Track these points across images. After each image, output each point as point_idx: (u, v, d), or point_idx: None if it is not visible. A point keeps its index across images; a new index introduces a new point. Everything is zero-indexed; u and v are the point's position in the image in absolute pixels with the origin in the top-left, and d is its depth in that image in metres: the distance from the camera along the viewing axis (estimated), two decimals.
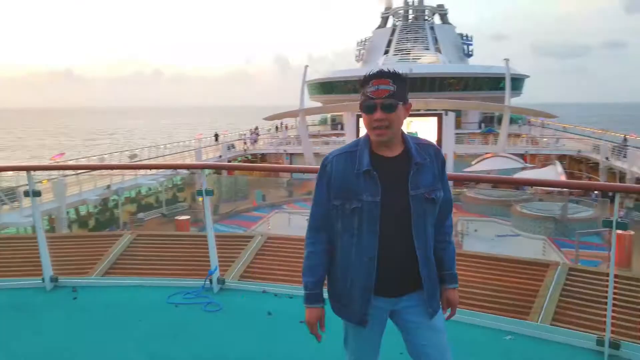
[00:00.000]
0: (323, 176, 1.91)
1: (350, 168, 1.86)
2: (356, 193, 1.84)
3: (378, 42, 59.29)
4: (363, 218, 1.84)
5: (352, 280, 1.89)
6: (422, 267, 1.90)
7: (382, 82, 1.82)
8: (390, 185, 1.85)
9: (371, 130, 1.86)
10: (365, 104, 1.85)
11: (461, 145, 37.00)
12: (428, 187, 1.89)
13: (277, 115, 42.24)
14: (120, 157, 32.10)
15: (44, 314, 3.56)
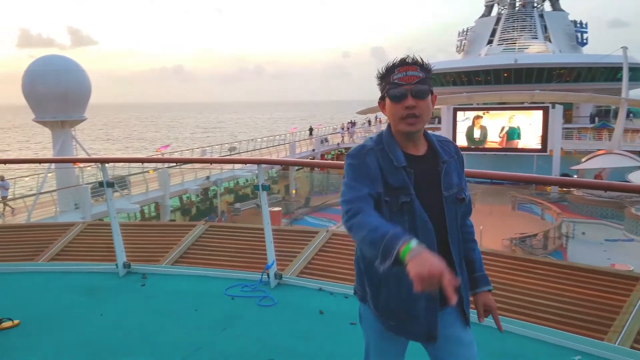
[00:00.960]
0: (363, 165, 1.64)
1: (389, 163, 1.66)
2: (403, 187, 1.64)
3: (481, 32, 56.61)
4: (415, 215, 1.64)
5: (411, 291, 1.41)
6: (459, 272, 1.72)
7: (410, 69, 1.65)
8: (424, 186, 1.68)
9: (401, 121, 1.67)
10: (393, 91, 1.66)
11: (570, 141, 34.32)
12: (457, 186, 1.74)
13: (370, 109, 42.07)
14: (220, 150, 33.87)
15: (114, 298, 3.79)
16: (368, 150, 1.69)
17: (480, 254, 1.90)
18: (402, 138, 1.72)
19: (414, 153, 1.72)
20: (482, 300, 1.84)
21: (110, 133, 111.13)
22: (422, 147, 1.75)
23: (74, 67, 18.90)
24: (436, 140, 1.78)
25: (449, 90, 45.02)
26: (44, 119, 18.66)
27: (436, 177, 1.71)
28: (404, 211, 1.65)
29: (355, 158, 1.68)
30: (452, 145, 1.82)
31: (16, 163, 5.06)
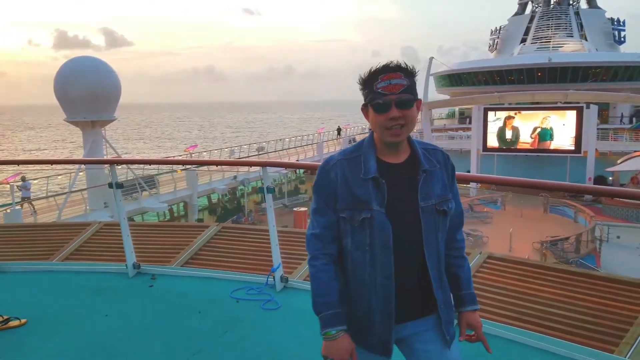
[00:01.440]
0: (325, 183, 1.66)
1: (356, 174, 1.62)
2: (366, 202, 1.60)
3: (514, 31, 55.42)
4: (375, 231, 1.60)
5: (369, 304, 1.64)
6: (437, 289, 1.66)
7: (394, 76, 1.58)
8: (398, 195, 1.62)
9: (385, 131, 1.61)
10: (377, 101, 1.59)
11: (605, 142, 33.22)
12: (439, 197, 1.65)
13: None
14: (248, 150, 34.16)
15: (121, 299, 3.82)
16: (334, 163, 1.66)
17: (469, 271, 1.82)
18: (383, 146, 1.66)
19: (393, 161, 1.66)
20: (465, 319, 1.77)
21: (142, 132, 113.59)
22: (403, 155, 1.68)
23: (105, 68, 19.35)
24: (422, 148, 1.71)
25: (481, 90, 44.23)
26: (74, 119, 19.16)
27: (415, 187, 1.63)
28: (365, 226, 1.61)
29: (320, 175, 1.68)
30: (440, 153, 1.73)
31: (24, 164, 5.17)
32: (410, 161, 1.67)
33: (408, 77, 1.60)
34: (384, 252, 1.60)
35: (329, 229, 1.67)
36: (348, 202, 1.62)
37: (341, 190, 1.63)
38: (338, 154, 1.70)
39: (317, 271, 1.66)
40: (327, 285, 1.65)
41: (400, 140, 1.63)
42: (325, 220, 1.67)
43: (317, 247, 1.68)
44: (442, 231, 1.68)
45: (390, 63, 1.60)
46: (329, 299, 1.63)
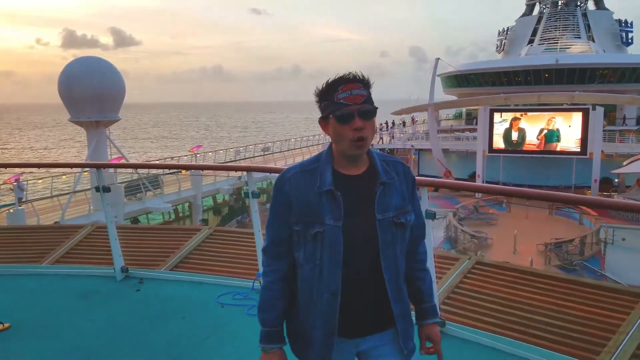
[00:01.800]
0: (279, 196, 1.66)
1: (311, 187, 1.61)
2: (319, 216, 1.58)
3: (522, 32, 55.10)
4: (325, 246, 1.58)
5: (313, 319, 1.62)
6: (394, 303, 1.63)
7: (354, 87, 1.56)
8: (354, 208, 1.60)
9: (349, 143, 1.58)
10: (340, 112, 1.56)
11: (611, 144, 32.92)
12: (397, 210, 1.63)
13: (405, 110, 41.53)
14: (254, 150, 34.20)
15: (107, 303, 3.82)
16: (290, 176, 1.65)
17: (431, 283, 1.81)
18: (342, 158, 1.64)
19: (351, 173, 1.64)
20: (426, 332, 1.77)
21: (150, 132, 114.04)
22: (362, 167, 1.66)
23: (109, 69, 19.45)
24: (382, 160, 1.69)
25: (488, 91, 44.01)
26: (79, 119, 19.28)
27: (372, 199, 1.61)
28: (317, 241, 1.59)
29: (275, 187, 1.68)
30: (400, 165, 1.72)
31: (9, 167, 5.22)
32: (368, 173, 1.65)
33: (366, 88, 1.59)
34: (332, 267, 1.58)
35: (278, 244, 1.67)
36: (301, 216, 1.61)
37: (295, 203, 1.62)
38: (295, 166, 1.68)
39: (264, 287, 1.70)
40: (269, 303, 1.68)
41: (363, 153, 1.62)
42: (274, 235, 1.67)
43: (265, 263, 1.70)
44: (400, 244, 1.65)
45: (348, 74, 1.58)
46: (268, 316, 1.67)
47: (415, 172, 31.96)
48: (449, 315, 3.28)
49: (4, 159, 69.38)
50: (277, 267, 1.67)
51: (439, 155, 35.56)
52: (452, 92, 52.74)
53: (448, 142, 39.01)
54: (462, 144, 38.59)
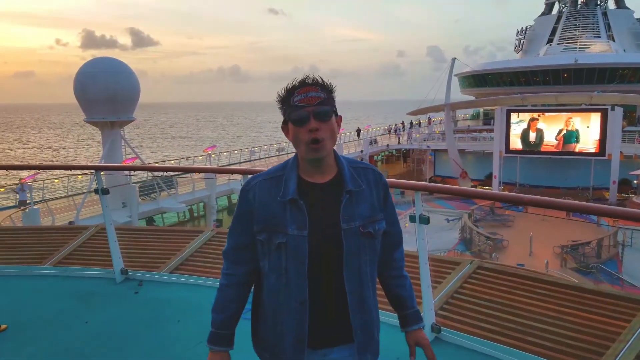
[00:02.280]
0: (243, 204, 1.64)
1: (275, 196, 1.59)
2: (282, 225, 1.56)
3: (540, 31, 54.39)
4: (289, 256, 1.56)
5: (282, 328, 1.60)
6: (354, 315, 1.59)
7: (311, 89, 1.55)
8: (319, 217, 1.57)
9: (306, 146, 1.56)
10: (294, 114, 1.55)
11: (631, 145, 32.26)
12: (364, 219, 1.59)
13: (421, 110, 41.28)
14: (268, 150, 34.29)
15: (105, 306, 3.82)
16: (255, 184, 1.63)
17: (411, 289, 1.77)
18: (307, 165, 1.61)
19: (317, 181, 1.60)
20: (413, 338, 1.74)
21: (166, 132, 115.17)
22: (329, 174, 1.62)
23: (124, 69, 19.66)
24: (352, 166, 1.65)
25: (506, 91, 43.51)
26: (93, 119, 19.51)
27: (337, 208, 1.58)
28: (281, 251, 1.57)
29: (240, 195, 1.67)
30: (371, 172, 1.67)
31: (9, 169, 5.31)
32: (335, 181, 1.61)
33: (325, 91, 1.57)
34: (298, 277, 1.56)
35: (237, 250, 1.66)
36: (264, 225, 1.59)
37: (258, 212, 1.60)
38: (262, 174, 1.66)
39: (218, 290, 1.71)
40: (220, 305, 1.69)
41: (321, 156, 1.57)
42: (234, 241, 1.67)
43: (224, 267, 1.70)
44: (368, 254, 1.61)
45: (307, 78, 1.57)
46: (217, 317, 1.70)
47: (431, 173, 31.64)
48: (446, 321, 3.21)
49: (24, 157, 70.71)
50: (234, 271, 1.67)
51: (455, 155, 35.25)
52: (469, 92, 52.30)
53: (465, 143, 38.67)
54: (478, 144, 38.21)
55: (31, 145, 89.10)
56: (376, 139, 42.07)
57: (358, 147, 38.73)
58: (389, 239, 1.70)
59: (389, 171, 39.94)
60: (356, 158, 23.75)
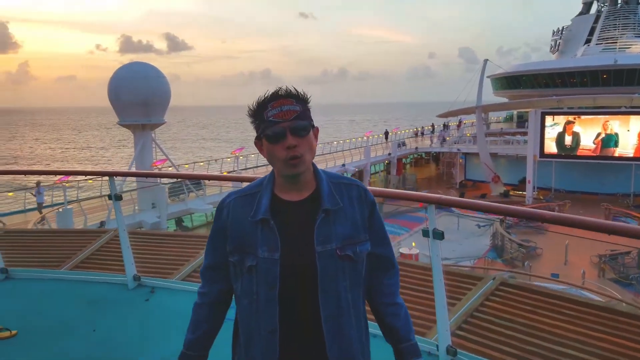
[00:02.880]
0: (217, 222, 1.55)
1: (247, 215, 1.48)
2: (253, 247, 1.45)
3: (578, 31, 52.71)
4: (260, 280, 1.45)
5: (252, 356, 1.50)
6: (330, 345, 1.45)
7: (285, 102, 1.44)
8: (292, 238, 1.45)
9: (283, 163, 1.45)
10: (269, 130, 1.44)
11: None
12: (344, 240, 1.46)
13: (451, 112, 40.59)
14: None
15: (115, 312, 3.78)
16: (229, 202, 1.53)
17: (408, 318, 1.60)
18: (283, 181, 1.49)
19: (293, 199, 1.48)
20: None
21: (198, 134, 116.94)
22: (307, 191, 1.50)
23: (155, 74, 20.00)
24: (332, 182, 1.52)
25: (541, 93, 42.36)
26: (126, 122, 19.92)
27: (312, 228, 1.46)
28: (252, 274, 1.45)
29: (216, 213, 1.57)
30: (355, 188, 1.54)
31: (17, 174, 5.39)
32: (312, 198, 1.49)
33: (300, 103, 1.46)
34: (268, 304, 1.44)
35: (211, 269, 1.59)
36: (236, 246, 1.49)
37: (231, 232, 1.50)
38: (238, 191, 1.56)
39: (193, 308, 1.65)
40: (193, 325, 1.63)
41: (300, 172, 1.46)
42: (208, 260, 1.60)
43: (200, 285, 1.63)
44: (349, 278, 1.48)
45: (280, 90, 1.46)
46: (189, 337, 1.64)
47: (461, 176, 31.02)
48: (463, 342, 3.01)
49: (63, 158, 72.91)
50: (208, 290, 1.60)
51: (486, 159, 34.50)
52: (502, 94, 51.13)
53: (497, 146, 37.85)
54: (511, 148, 37.35)
55: (72, 146, 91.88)
56: (404, 142, 41.59)
57: (386, 149, 38.38)
58: (376, 263, 1.56)
59: (417, 174, 39.42)
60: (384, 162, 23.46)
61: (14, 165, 62.67)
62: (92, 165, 62.21)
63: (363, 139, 38.59)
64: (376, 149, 37.44)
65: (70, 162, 66.48)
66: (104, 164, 60.72)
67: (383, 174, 38.79)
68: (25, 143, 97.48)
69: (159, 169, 19.83)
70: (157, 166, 19.72)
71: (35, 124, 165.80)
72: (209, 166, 26.76)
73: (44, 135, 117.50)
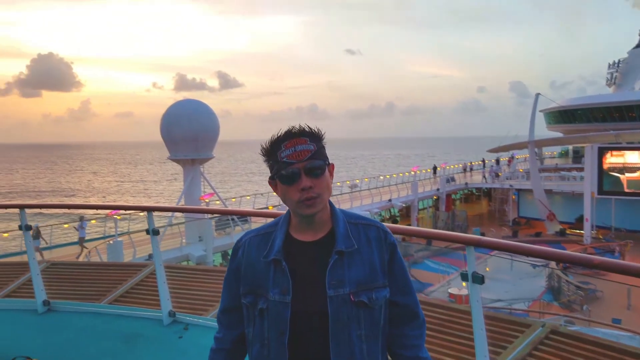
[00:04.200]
0: (232, 263, 1.50)
1: (261, 255, 1.43)
2: (265, 289, 1.40)
3: (636, 63, 50.80)
4: (270, 324, 1.38)
5: None
6: None
7: (299, 142, 1.39)
8: (305, 280, 1.38)
9: (298, 205, 1.39)
10: (283, 172, 1.39)
11: None
12: (358, 284, 1.37)
13: (503, 147, 39.65)
14: (341, 188, 34.26)
15: (147, 349, 3.75)
16: (245, 241, 1.49)
17: None
18: (298, 221, 1.44)
19: (308, 239, 1.42)
20: None
21: (246, 167, 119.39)
22: (322, 231, 1.43)
23: (205, 110, 20.70)
24: (350, 222, 1.44)
25: (597, 127, 40.80)
26: (176, 157, 20.59)
27: (324, 270, 1.38)
28: (264, 317, 1.39)
29: (232, 251, 1.52)
30: (374, 229, 1.45)
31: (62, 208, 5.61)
32: (327, 239, 1.42)
33: (315, 141, 1.41)
34: (279, 350, 1.38)
35: (226, 313, 1.56)
36: (249, 288, 1.44)
37: (244, 272, 1.45)
38: (254, 230, 1.51)
39: (210, 352, 1.61)
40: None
41: (316, 212, 1.40)
42: (224, 303, 1.57)
43: (218, 330, 1.60)
44: (364, 327, 1.38)
45: (293, 128, 1.40)
46: None
47: (514, 214, 30.01)
48: None
49: (118, 190, 75.98)
50: (223, 335, 1.57)
51: (541, 196, 33.24)
52: (556, 128, 49.59)
53: (552, 182, 36.47)
54: (567, 184, 35.86)
55: (126, 179, 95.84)
56: (454, 177, 40.75)
57: (434, 185, 37.69)
58: (397, 312, 1.46)
59: (468, 211, 38.33)
60: (432, 197, 22.90)
61: (72, 197, 65.87)
62: (146, 198, 64.46)
63: (410, 174, 38.13)
64: (424, 184, 36.86)
65: (124, 195, 69.17)
66: (157, 197, 62.84)
67: (431, 210, 38.01)
68: (83, 176, 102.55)
69: (206, 203, 20.25)
70: (204, 200, 20.13)
71: (93, 158, 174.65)
72: (255, 200, 27.12)
73: (101, 168, 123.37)
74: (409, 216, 34.80)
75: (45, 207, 6.09)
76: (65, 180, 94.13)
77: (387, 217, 35.04)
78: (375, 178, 36.82)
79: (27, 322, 4.24)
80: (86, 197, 66.01)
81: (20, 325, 4.20)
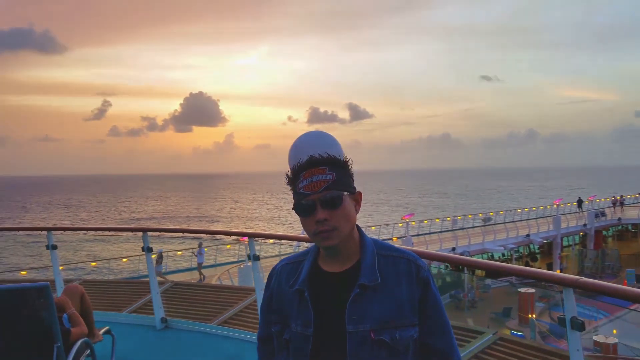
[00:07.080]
0: (267, 291, 1.46)
1: (289, 284, 1.38)
2: (289, 319, 1.35)
3: None
4: (292, 356, 1.33)
5: None
6: None
7: (316, 172, 1.32)
8: (327, 313, 1.30)
9: (315, 237, 1.33)
10: (299, 204, 1.33)
11: None
12: (380, 322, 1.26)
13: None
14: (473, 220, 32.67)
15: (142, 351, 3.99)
16: (278, 269, 1.45)
17: None
18: (324, 251, 1.37)
19: (333, 270, 1.34)
20: None
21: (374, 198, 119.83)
22: (349, 262, 1.35)
23: (329, 140, 21.16)
24: (380, 253, 1.35)
25: None
26: None
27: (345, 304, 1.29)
28: (287, 348, 1.33)
29: (267, 279, 1.49)
30: (405, 262, 1.33)
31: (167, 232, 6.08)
32: (353, 270, 1.33)
33: (335, 170, 1.33)
34: None
35: (261, 342, 1.50)
36: (277, 316, 1.39)
37: (275, 300, 1.41)
38: (287, 258, 1.47)
39: None
40: None
41: (333, 244, 1.31)
42: (260, 332, 1.52)
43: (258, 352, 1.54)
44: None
45: (312, 157, 1.35)
46: None
47: None
48: None
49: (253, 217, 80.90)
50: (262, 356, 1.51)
51: None
52: None
53: None
54: None
55: (263, 207, 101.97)
56: (604, 211, 36.62)
57: (580, 219, 34.17)
58: (428, 356, 1.32)
59: (621, 250, 34.01)
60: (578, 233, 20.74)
61: (215, 223, 71.61)
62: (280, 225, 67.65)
63: (552, 207, 35.10)
64: (568, 219, 33.61)
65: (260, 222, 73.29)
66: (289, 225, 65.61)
67: (578, 247, 34.45)
68: (226, 204, 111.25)
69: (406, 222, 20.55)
70: (405, 219, 20.54)
71: (235, 187, 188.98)
72: (379, 230, 27.00)
73: (242, 197, 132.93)
74: (551, 254, 31.90)
75: (164, 230, 6.69)
76: (209, 207, 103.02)
77: (525, 254, 32.49)
78: (512, 211, 34.53)
79: (146, 336, 4.62)
80: (226, 223, 71.28)
81: (140, 339, 4.58)
